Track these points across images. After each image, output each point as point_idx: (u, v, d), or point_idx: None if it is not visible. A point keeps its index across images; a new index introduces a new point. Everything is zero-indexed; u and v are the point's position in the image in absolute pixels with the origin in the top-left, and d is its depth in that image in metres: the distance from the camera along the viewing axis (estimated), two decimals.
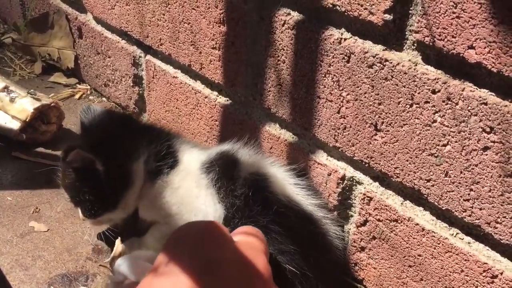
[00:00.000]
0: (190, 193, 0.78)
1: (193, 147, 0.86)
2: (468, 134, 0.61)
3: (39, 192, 1.00)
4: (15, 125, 1.08)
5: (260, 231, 0.50)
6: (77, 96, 1.33)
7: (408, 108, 0.66)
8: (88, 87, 1.35)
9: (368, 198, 0.76)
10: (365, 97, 0.71)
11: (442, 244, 0.68)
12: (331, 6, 0.71)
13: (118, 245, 0.82)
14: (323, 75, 0.75)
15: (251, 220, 0.68)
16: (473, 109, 0.60)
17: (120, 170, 0.78)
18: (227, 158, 0.79)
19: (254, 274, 0.42)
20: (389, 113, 0.69)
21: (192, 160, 0.81)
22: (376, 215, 0.76)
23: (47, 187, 1.00)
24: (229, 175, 0.76)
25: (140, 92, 1.17)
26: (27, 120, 1.08)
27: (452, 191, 0.65)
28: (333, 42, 0.72)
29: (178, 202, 0.78)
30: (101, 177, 0.76)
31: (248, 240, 0.46)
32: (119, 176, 0.78)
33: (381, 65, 0.68)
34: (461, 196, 0.64)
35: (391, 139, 0.70)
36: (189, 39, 0.97)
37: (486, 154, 0.60)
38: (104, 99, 1.31)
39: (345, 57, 0.71)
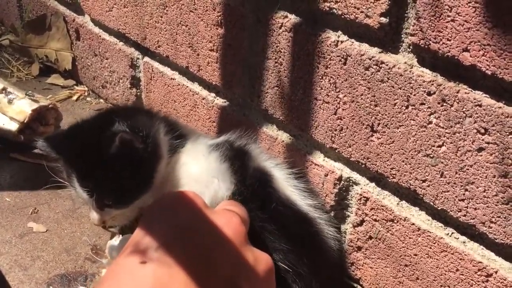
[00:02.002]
0: (199, 166, 0.77)
1: (198, 132, 0.86)
2: (463, 135, 0.62)
3: (37, 193, 1.00)
4: (13, 126, 1.09)
5: (241, 205, 0.52)
6: (74, 98, 1.34)
7: (404, 110, 0.67)
8: (86, 88, 1.35)
9: (365, 199, 0.77)
10: (361, 98, 0.72)
11: (438, 244, 0.69)
12: (328, 9, 0.72)
13: (115, 235, 0.83)
14: (320, 77, 0.76)
15: (251, 215, 0.69)
16: (468, 110, 0.61)
17: (153, 144, 0.75)
18: (238, 144, 0.79)
19: (220, 239, 0.44)
20: (385, 115, 0.70)
21: (198, 142, 0.80)
22: (373, 215, 0.77)
23: (46, 188, 1.01)
24: (242, 159, 0.76)
25: (138, 93, 1.18)
26: (25, 121, 1.08)
27: (447, 191, 0.66)
28: (330, 44, 0.73)
29: (186, 176, 0.77)
30: (140, 155, 0.72)
31: (222, 209, 0.49)
32: (152, 150, 0.74)
33: (377, 67, 0.69)
34: (456, 196, 0.65)
35: (387, 140, 0.71)
36: (187, 41, 0.97)
37: (481, 155, 0.61)
38: (101, 100, 1.32)
39: (342, 59, 0.72)
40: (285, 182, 0.78)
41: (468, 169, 0.63)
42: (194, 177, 0.77)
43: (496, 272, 0.64)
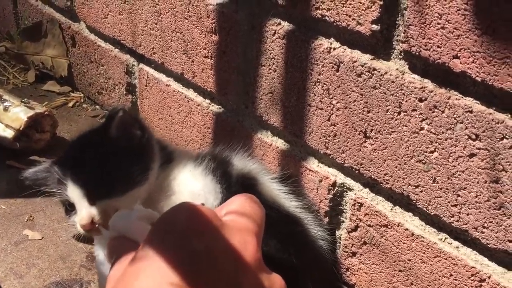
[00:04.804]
0: (186, 182, 0.80)
1: (184, 149, 0.90)
2: (455, 141, 0.63)
3: (33, 201, 1.00)
4: (9, 133, 1.09)
5: (255, 198, 0.47)
6: (70, 104, 1.34)
7: (396, 116, 0.68)
8: (82, 95, 1.36)
9: (359, 204, 0.78)
10: (354, 105, 0.72)
11: (431, 249, 0.70)
12: (320, 16, 0.72)
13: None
14: (313, 84, 0.77)
15: None
16: (459, 117, 0.61)
17: (148, 137, 0.80)
18: (220, 155, 0.83)
19: (241, 265, 0.41)
20: (378, 121, 0.70)
21: (185, 157, 0.84)
22: (367, 220, 0.77)
23: (41, 195, 1.01)
24: (224, 168, 0.79)
25: (133, 100, 1.18)
26: (20, 128, 1.09)
27: (440, 196, 0.66)
28: (323, 51, 0.74)
29: (175, 191, 0.80)
30: (136, 143, 0.77)
31: (237, 222, 0.44)
32: (148, 142, 0.79)
33: (370, 74, 0.69)
34: (448, 202, 0.66)
35: (380, 146, 0.71)
36: (181, 48, 0.98)
37: (472, 161, 0.62)
38: (97, 107, 1.32)
39: (335, 66, 0.73)
40: (270, 186, 0.79)
41: (460, 175, 0.64)
42: (182, 191, 0.80)
43: (489, 277, 0.65)
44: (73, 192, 0.76)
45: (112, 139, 0.77)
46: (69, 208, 0.79)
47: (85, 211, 0.76)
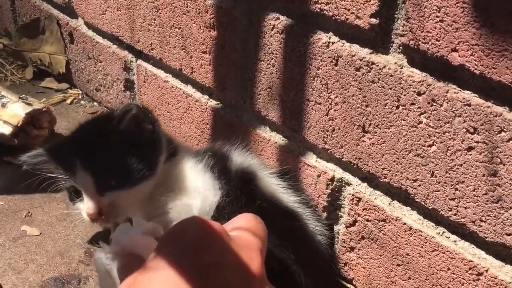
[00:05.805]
0: (187, 178, 0.81)
1: (184, 145, 0.92)
2: (453, 134, 0.63)
3: (31, 197, 1.00)
4: (6, 130, 1.09)
5: (260, 219, 0.48)
6: (68, 101, 1.34)
7: (395, 110, 0.68)
8: (80, 91, 1.36)
9: (357, 199, 0.78)
10: (353, 99, 0.72)
11: (429, 243, 0.70)
12: (319, 10, 0.72)
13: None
14: (311, 78, 0.77)
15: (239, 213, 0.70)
16: (457, 110, 0.62)
17: (157, 133, 0.81)
18: (220, 151, 0.83)
19: (250, 278, 0.41)
20: (376, 115, 0.70)
21: (187, 154, 0.85)
22: (365, 215, 0.77)
23: (39, 191, 1.00)
24: (223, 164, 0.80)
25: (132, 96, 1.18)
26: (18, 125, 1.08)
27: (438, 190, 0.67)
28: (321, 45, 0.74)
29: (176, 188, 0.81)
30: (146, 137, 0.79)
31: (244, 238, 0.45)
32: (157, 138, 0.80)
33: (368, 68, 0.69)
34: (446, 196, 0.66)
35: (379, 140, 0.71)
36: (179, 43, 0.98)
37: (470, 154, 0.62)
38: (95, 103, 1.32)
39: (333, 61, 0.73)
40: (268, 181, 0.80)
41: (458, 168, 0.64)
42: (184, 188, 0.80)
43: (486, 271, 0.65)
44: (82, 180, 0.76)
45: (123, 132, 0.78)
46: (75, 195, 0.80)
47: (93, 201, 0.76)
